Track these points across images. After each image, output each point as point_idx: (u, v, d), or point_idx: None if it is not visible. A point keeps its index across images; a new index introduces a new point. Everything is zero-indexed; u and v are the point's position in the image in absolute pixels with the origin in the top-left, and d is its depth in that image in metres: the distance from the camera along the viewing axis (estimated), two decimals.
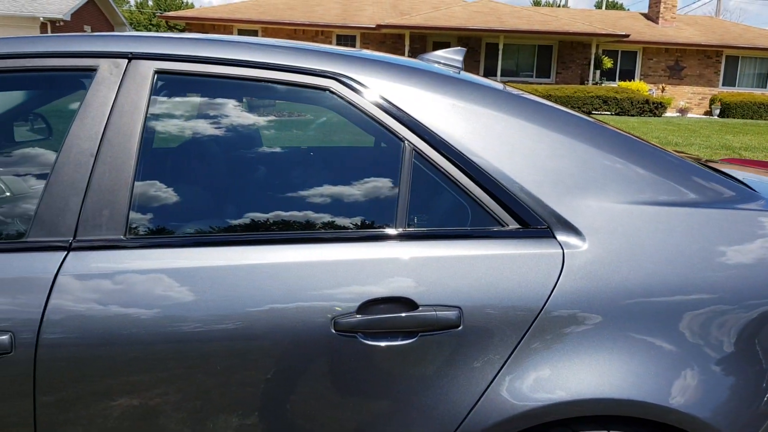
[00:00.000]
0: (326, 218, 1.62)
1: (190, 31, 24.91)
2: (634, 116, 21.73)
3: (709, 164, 2.30)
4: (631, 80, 25.63)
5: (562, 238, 1.57)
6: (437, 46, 25.09)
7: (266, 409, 1.51)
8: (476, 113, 1.66)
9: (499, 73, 23.91)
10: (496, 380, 1.51)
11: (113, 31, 33.55)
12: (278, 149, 1.77)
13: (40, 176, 1.66)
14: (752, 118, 23.51)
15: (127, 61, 1.67)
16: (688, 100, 26.07)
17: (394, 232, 1.59)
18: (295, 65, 1.67)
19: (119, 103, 1.63)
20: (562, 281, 1.54)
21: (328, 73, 1.66)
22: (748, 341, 1.56)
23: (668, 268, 1.56)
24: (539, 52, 25.53)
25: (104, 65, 1.66)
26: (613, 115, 21.82)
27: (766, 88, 26.31)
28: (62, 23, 26.61)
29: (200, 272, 1.52)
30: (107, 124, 1.61)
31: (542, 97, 1.93)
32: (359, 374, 1.51)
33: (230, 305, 1.50)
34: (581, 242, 1.56)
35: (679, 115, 24.40)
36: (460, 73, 2.03)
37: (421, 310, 1.51)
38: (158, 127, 1.70)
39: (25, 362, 1.45)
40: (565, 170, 1.62)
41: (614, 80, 25.82)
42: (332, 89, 1.65)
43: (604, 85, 24.67)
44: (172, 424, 1.50)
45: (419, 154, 1.62)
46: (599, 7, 47.35)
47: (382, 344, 1.50)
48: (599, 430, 1.56)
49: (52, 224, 1.55)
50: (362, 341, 1.50)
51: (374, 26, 23.92)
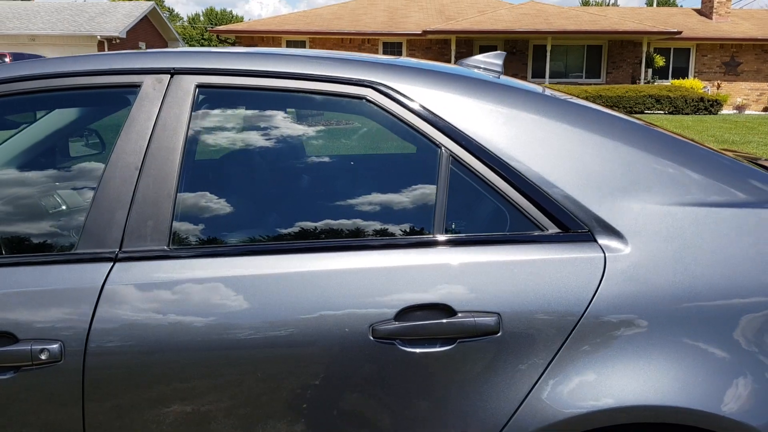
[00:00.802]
0: (365, 226, 1.63)
1: (240, 44, 25.38)
2: (688, 114, 21.20)
3: (765, 163, 2.24)
4: (684, 78, 25.02)
5: (603, 241, 1.55)
6: (484, 49, 24.96)
7: (309, 415, 1.53)
8: (514, 117, 1.65)
9: (547, 75, 23.66)
10: (537, 386, 1.50)
11: (167, 46, 34.42)
12: (319, 158, 1.80)
13: (92, 189, 1.71)
14: None
15: (169, 76, 1.71)
16: (745, 96, 25.31)
17: (432, 239, 1.59)
18: (331, 75, 1.69)
19: (162, 117, 1.67)
20: (603, 285, 1.51)
21: (364, 81, 1.68)
22: None
23: (715, 270, 1.52)
24: (588, 52, 25.16)
25: (148, 81, 1.71)
26: (666, 114, 21.33)
27: None
28: (118, 41, 27.43)
29: (243, 281, 1.55)
30: (151, 137, 1.66)
31: (592, 98, 1.95)
32: (398, 381, 1.51)
33: (272, 313, 1.52)
34: (623, 245, 1.54)
35: (736, 112, 23.71)
36: (499, 77, 2.02)
37: (459, 316, 1.50)
38: (200, 139, 1.74)
39: (74, 370, 1.50)
40: (606, 173, 1.60)
41: (667, 78, 25.25)
42: (369, 98, 1.67)
43: (656, 83, 24.15)
44: (221, 430, 1.53)
45: (456, 159, 1.62)
46: (650, 4, 46.40)
47: (420, 351, 1.50)
48: None
49: (99, 236, 1.60)
50: (400, 348, 1.50)
51: (420, 32, 23.96)
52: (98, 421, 1.52)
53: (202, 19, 61.97)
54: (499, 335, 1.50)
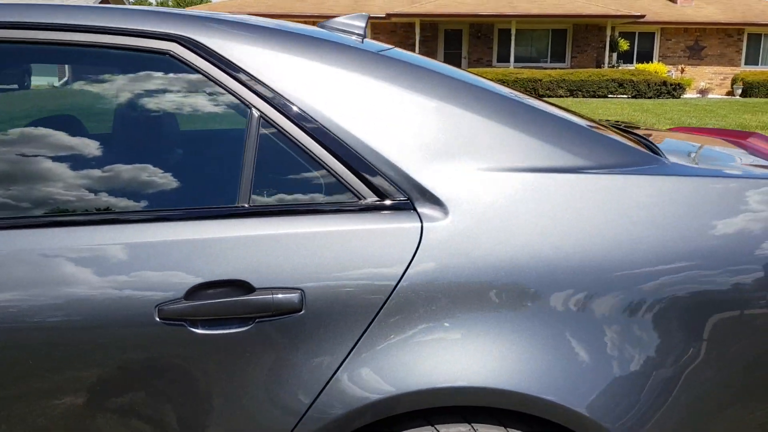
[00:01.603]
0: (157, 195, 1.46)
1: None
2: (650, 98, 21.27)
3: (627, 130, 2.11)
4: (649, 62, 25.09)
5: (422, 210, 1.41)
6: (449, 34, 24.81)
7: (86, 406, 1.37)
8: (334, 77, 1.49)
9: (512, 59, 23.56)
10: (341, 369, 1.35)
11: None
12: (105, 121, 1.62)
13: None
14: None
15: None
16: (708, 80, 25.47)
17: (234, 209, 1.43)
18: (129, 28, 1.51)
19: None
20: (418, 258, 1.37)
21: (168, 35, 1.50)
22: (632, 325, 1.38)
23: (541, 239, 1.39)
24: (553, 36, 25.11)
25: None
26: (629, 98, 21.37)
27: None
28: None
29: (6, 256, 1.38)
30: None
31: (555, 81, 1.77)
32: (189, 367, 1.35)
33: (39, 293, 1.35)
34: (443, 214, 1.40)
35: (699, 96, 23.84)
36: (363, 41, 1.87)
37: (257, 293, 1.35)
38: None
39: None
40: (431, 136, 1.45)
41: (632, 63, 25.31)
42: (173, 53, 1.50)
43: (621, 68, 24.19)
44: None
45: (268, 121, 1.46)
46: None
47: (213, 332, 1.35)
48: (462, 422, 1.39)
49: None
50: (190, 330, 1.34)
51: (384, 15, 23.70)
52: None
53: (170, 3, 60.94)
54: (301, 313, 1.35)
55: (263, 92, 1.47)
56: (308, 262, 1.37)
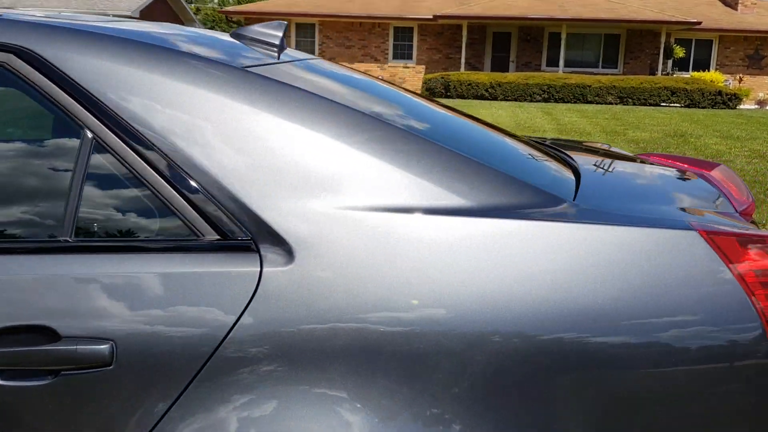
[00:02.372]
0: None
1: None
2: (704, 108, 20.48)
3: (568, 157, 1.88)
4: (705, 70, 24.20)
5: (266, 252, 1.23)
6: (497, 36, 24.41)
7: None
8: (181, 93, 1.32)
9: (561, 63, 23.02)
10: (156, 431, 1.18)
11: (183, 26, 34.15)
12: None
13: None
14: None
15: None
16: None
17: (54, 243, 1.27)
18: None
19: None
20: (252, 308, 1.20)
21: (4, 45, 1.35)
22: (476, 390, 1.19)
23: (398, 293, 1.19)
24: (606, 41, 24.45)
25: None
26: (682, 107, 20.63)
27: None
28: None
29: None
30: None
31: (605, 87, 1.59)
32: None
33: None
34: (288, 258, 1.21)
35: (757, 107, 22.88)
36: (281, 53, 1.70)
37: (63, 342, 1.19)
38: None
39: None
40: (284, 167, 1.27)
41: (687, 70, 24.46)
42: (8, 65, 1.35)
43: (675, 75, 23.40)
44: None
45: (102, 144, 1.29)
46: None
47: (13, 384, 1.19)
48: None
49: None
50: None
51: (431, 17, 23.45)
52: None
53: (231, 2, 61.77)
54: (111, 368, 1.19)
55: (99, 109, 1.30)
56: (122, 308, 1.21)
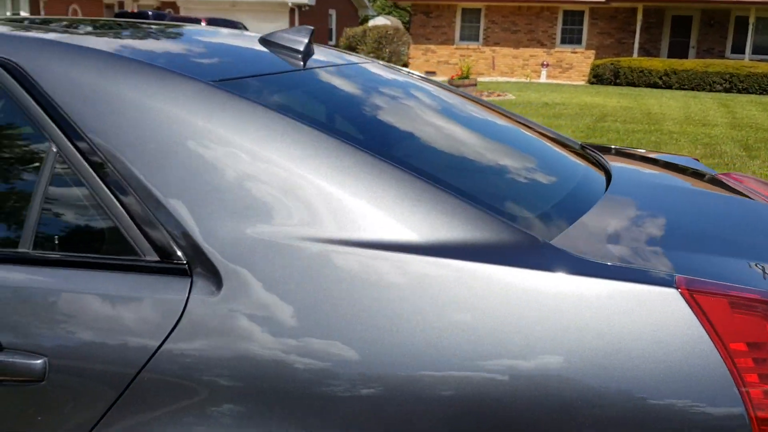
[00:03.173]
0: None
1: (416, 12, 25.27)
2: None
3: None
4: None
5: (198, 278, 1.21)
6: (676, 20, 22.73)
7: None
8: (136, 108, 1.32)
9: (748, 50, 21.01)
10: None
11: (357, 13, 35.19)
12: None
13: None
14: None
15: None
16: None
17: (14, 254, 1.34)
18: None
19: None
20: (175, 335, 1.19)
21: None
22: None
23: (320, 336, 1.14)
24: None
25: None
26: None
27: None
28: (308, 8, 28.50)
29: None
30: None
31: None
32: None
33: None
34: (216, 286, 1.19)
35: None
36: (306, 60, 1.69)
37: (3, 353, 1.25)
38: None
39: None
40: (228, 190, 1.24)
41: None
42: None
43: None
44: None
45: (63, 156, 1.33)
46: None
47: None
48: None
49: None
50: None
51: (604, 0, 22.29)
52: None
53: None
54: (43, 383, 1.23)
55: (64, 123, 1.33)
56: (58, 324, 1.25)
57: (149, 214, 1.25)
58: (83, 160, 1.30)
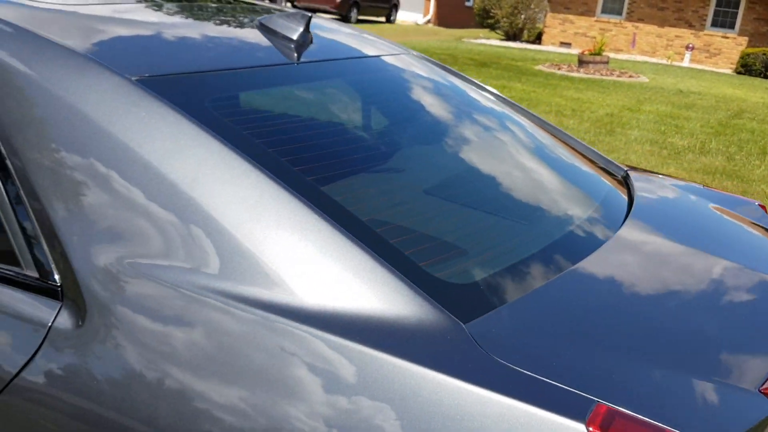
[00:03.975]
0: None
1: None
2: None
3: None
4: None
5: (65, 304, 1.11)
6: None
7: None
8: (44, 104, 1.19)
9: None
10: None
11: None
12: None
13: None
14: None
15: None
16: None
17: None
18: None
19: None
20: (33, 363, 1.09)
21: None
22: None
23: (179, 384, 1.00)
24: None
25: None
26: None
27: None
28: None
29: None
30: None
31: None
32: None
33: None
34: (79, 315, 1.07)
35: None
36: (300, 50, 1.53)
37: None
38: None
39: None
40: (112, 214, 1.11)
41: None
42: None
43: None
44: None
45: None
46: None
47: None
48: None
49: None
50: None
51: None
52: None
53: None
54: None
55: None
56: None
57: (34, 221, 1.15)
58: None
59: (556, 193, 1.55)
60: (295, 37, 1.57)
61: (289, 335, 0.97)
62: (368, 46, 1.83)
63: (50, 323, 1.11)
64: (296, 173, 1.18)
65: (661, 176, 1.99)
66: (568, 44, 22.63)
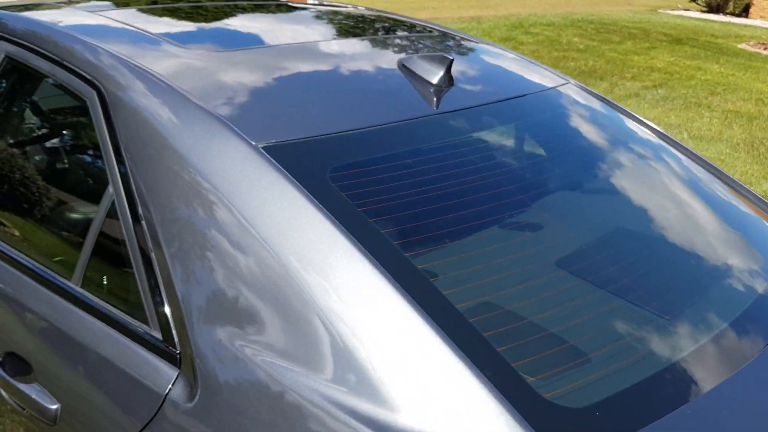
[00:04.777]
0: None
1: None
2: None
3: None
4: None
5: (181, 376, 1.09)
6: None
7: None
8: (181, 163, 1.20)
9: None
10: None
11: None
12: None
13: None
14: None
15: None
16: None
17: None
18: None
19: None
20: (147, 429, 1.09)
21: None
22: None
23: None
24: None
25: None
26: None
27: None
28: None
29: None
30: None
31: None
32: None
33: None
34: (189, 392, 1.06)
35: None
36: (439, 98, 1.42)
37: (33, 386, 1.30)
38: None
39: None
40: (234, 287, 1.08)
41: None
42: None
43: None
44: None
45: (115, 193, 1.28)
46: None
47: None
48: None
49: None
50: None
51: None
52: None
53: None
54: (54, 427, 1.26)
55: (122, 166, 1.28)
56: (74, 372, 1.23)
57: (161, 283, 1.15)
58: (127, 206, 1.22)
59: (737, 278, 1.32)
60: (435, 81, 1.43)
61: None
62: (516, 77, 1.67)
63: (167, 392, 1.09)
64: (421, 274, 1.07)
65: None
66: None
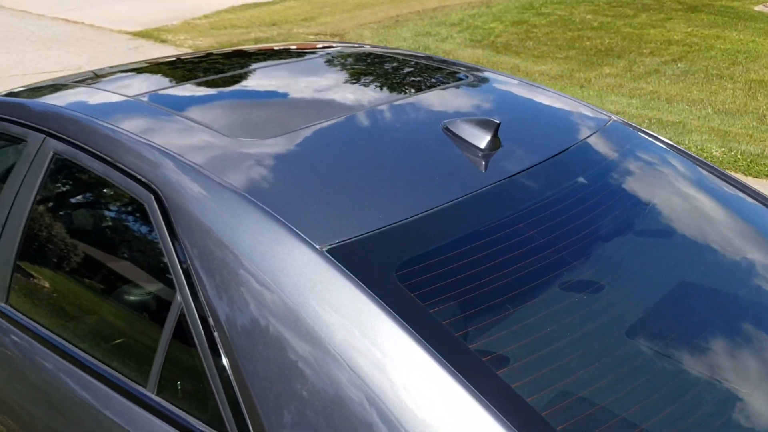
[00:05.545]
0: None
1: None
2: None
3: None
4: None
5: None
6: None
7: None
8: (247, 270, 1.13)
9: None
10: None
11: None
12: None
13: None
14: None
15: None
16: None
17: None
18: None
19: None
20: None
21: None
22: None
23: None
24: None
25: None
26: None
27: None
28: None
29: None
30: None
31: None
32: None
33: None
34: None
35: None
36: (487, 162, 1.34)
37: None
38: None
39: None
40: (300, 396, 1.05)
41: None
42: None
43: None
44: None
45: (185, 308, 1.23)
46: None
47: None
48: None
49: None
50: None
51: None
52: None
53: None
54: None
55: (188, 277, 1.20)
56: None
57: (238, 393, 1.09)
58: (197, 316, 1.15)
59: None
60: (483, 146, 1.36)
61: None
62: (559, 124, 1.60)
63: None
64: (515, 393, 1.01)
65: None
66: None
